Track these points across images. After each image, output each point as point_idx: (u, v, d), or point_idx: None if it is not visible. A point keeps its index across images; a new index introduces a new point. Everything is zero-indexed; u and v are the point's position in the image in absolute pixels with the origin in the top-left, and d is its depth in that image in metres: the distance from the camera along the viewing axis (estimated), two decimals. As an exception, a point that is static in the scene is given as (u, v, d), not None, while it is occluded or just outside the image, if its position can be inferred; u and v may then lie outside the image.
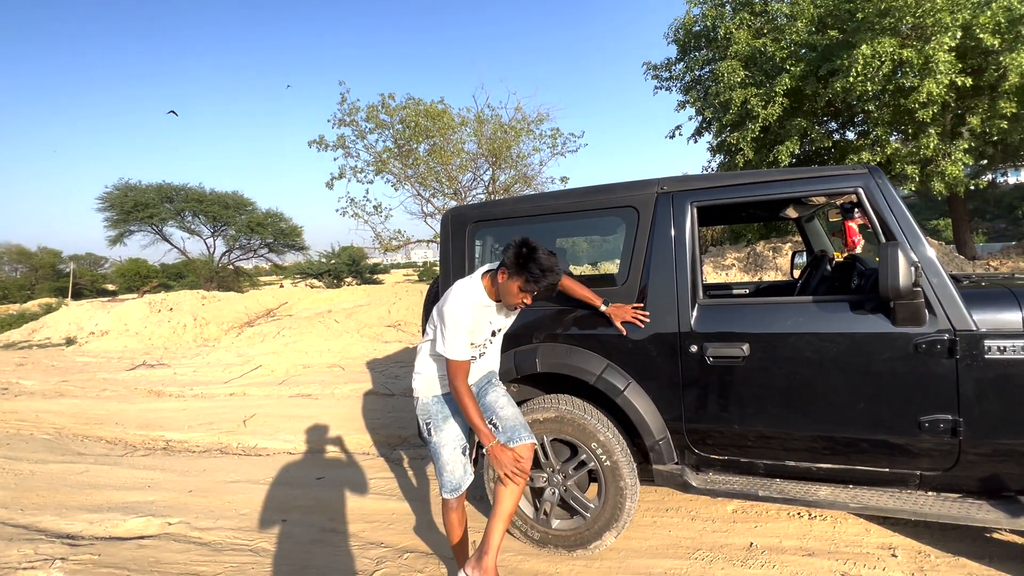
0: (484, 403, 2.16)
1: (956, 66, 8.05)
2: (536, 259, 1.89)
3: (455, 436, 2.10)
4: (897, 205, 2.10)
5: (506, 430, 2.05)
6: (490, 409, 2.12)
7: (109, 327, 11.98)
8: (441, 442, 2.08)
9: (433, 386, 2.12)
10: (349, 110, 12.92)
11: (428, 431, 2.10)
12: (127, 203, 24.28)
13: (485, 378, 2.27)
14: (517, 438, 2.02)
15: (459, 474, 2.08)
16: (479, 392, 2.19)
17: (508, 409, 2.12)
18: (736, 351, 2.20)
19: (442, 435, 2.09)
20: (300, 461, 4.06)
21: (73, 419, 5.57)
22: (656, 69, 13.22)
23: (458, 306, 2.00)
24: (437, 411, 2.11)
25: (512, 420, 2.08)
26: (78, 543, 2.88)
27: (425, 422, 2.12)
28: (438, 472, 2.09)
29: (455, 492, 2.08)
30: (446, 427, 2.09)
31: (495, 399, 2.17)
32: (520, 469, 1.94)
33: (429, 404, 2.12)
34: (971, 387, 1.94)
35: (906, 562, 2.27)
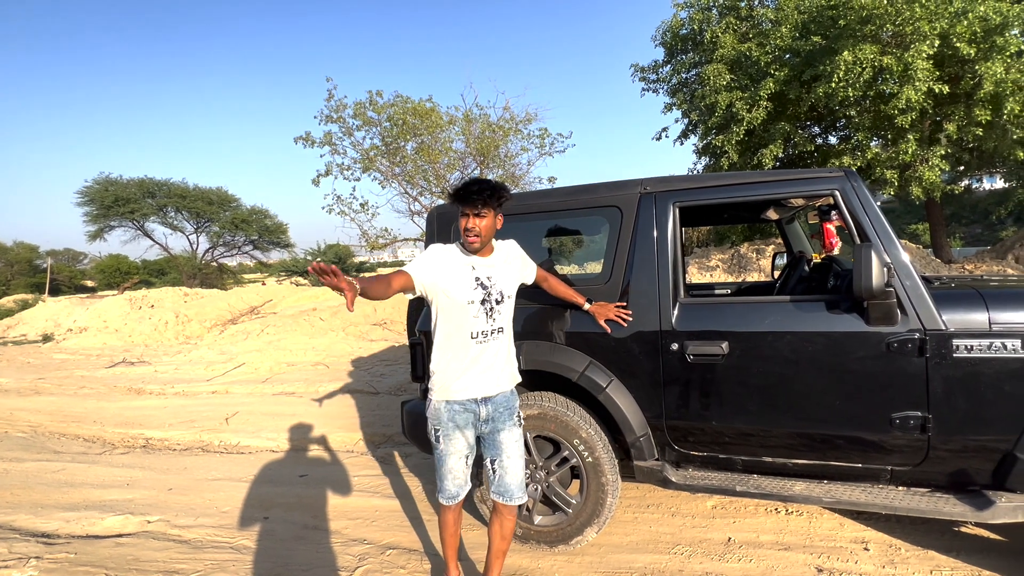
0: (495, 440, 1.99)
1: (934, 74, 8.23)
2: (466, 181, 1.90)
3: (463, 446, 1.98)
4: (871, 208, 2.16)
5: (500, 483, 1.98)
6: (497, 449, 1.99)
7: (88, 324, 11.76)
8: (448, 451, 1.97)
9: (446, 389, 1.93)
10: (336, 107, 12.82)
11: (436, 437, 1.97)
12: (107, 198, 23.79)
13: (505, 405, 2.00)
14: (508, 496, 1.97)
15: (460, 482, 2.01)
16: (493, 419, 1.98)
17: (515, 461, 1.99)
18: (716, 349, 2.25)
19: (450, 444, 1.96)
20: (283, 459, 4.03)
21: (49, 417, 5.46)
22: (644, 71, 13.31)
23: (431, 246, 2.01)
24: (448, 419, 1.94)
25: (512, 475, 1.98)
26: (54, 542, 2.83)
27: (434, 427, 1.97)
28: (439, 478, 2.01)
29: (453, 500, 2.03)
30: (455, 437, 1.95)
31: (507, 442, 1.99)
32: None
33: (441, 409, 1.94)
34: (940, 385, 2.00)
35: (878, 555, 2.33)
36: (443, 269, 1.91)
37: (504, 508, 2.01)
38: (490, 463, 2.02)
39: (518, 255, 2.13)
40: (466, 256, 1.96)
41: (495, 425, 1.98)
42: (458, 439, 1.96)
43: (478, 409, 1.95)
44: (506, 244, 2.10)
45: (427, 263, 1.91)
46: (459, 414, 1.94)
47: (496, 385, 1.97)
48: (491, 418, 1.97)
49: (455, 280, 1.90)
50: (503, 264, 2.03)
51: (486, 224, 1.89)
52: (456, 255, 1.96)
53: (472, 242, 1.89)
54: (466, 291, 1.90)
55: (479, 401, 1.95)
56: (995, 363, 1.95)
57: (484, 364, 1.94)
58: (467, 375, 1.92)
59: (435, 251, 1.95)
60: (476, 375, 1.93)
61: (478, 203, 1.84)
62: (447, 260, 1.93)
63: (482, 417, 1.96)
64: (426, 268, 1.90)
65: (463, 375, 1.92)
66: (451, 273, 1.91)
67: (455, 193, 1.88)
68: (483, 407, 1.95)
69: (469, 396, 1.93)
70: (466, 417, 1.94)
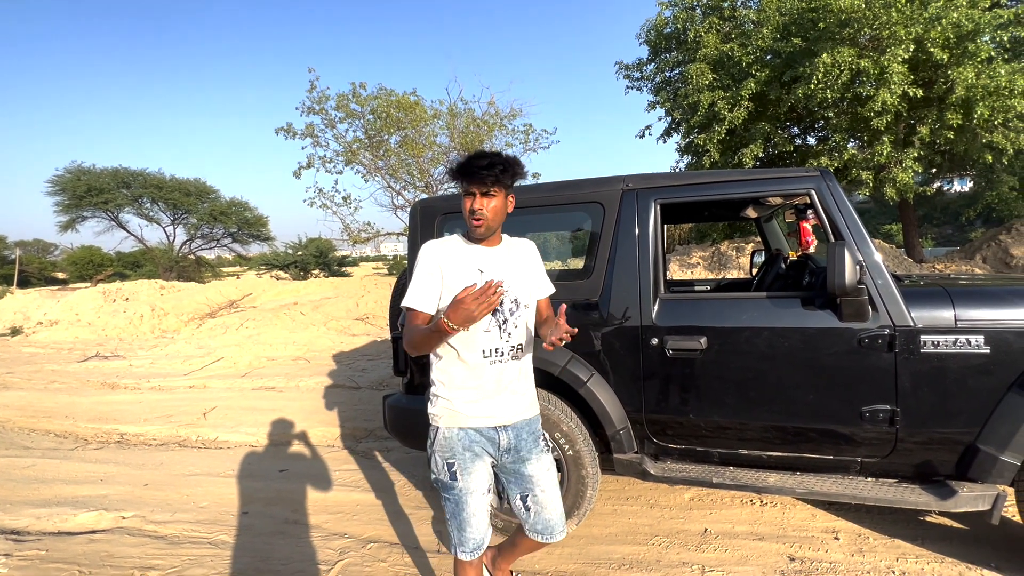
0: (521, 473, 1.65)
1: (909, 77, 8.45)
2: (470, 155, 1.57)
3: (484, 480, 1.61)
4: (846, 207, 2.22)
5: (539, 520, 1.66)
6: (526, 482, 1.66)
7: (59, 317, 11.44)
8: (468, 488, 1.58)
9: (458, 414, 1.58)
10: (319, 98, 12.66)
11: (451, 474, 1.58)
12: (80, 187, 23.09)
13: (529, 431, 1.67)
14: (550, 534, 1.67)
15: (484, 528, 1.64)
16: (516, 448, 1.63)
17: (551, 494, 1.68)
18: (695, 344, 2.29)
19: (470, 480, 1.58)
20: (262, 454, 3.99)
21: (19, 412, 5.31)
22: (628, 69, 13.40)
23: (423, 250, 1.61)
24: (463, 448, 1.58)
25: (552, 509, 1.67)
26: (23, 539, 2.77)
27: (446, 462, 1.58)
28: (456, 525, 1.62)
29: (478, 551, 1.64)
30: (475, 469, 1.59)
31: (538, 473, 1.66)
32: (488, 300, 1.34)
33: (453, 439, 1.57)
34: (908, 379, 2.07)
35: (847, 544, 2.41)
36: (448, 276, 1.56)
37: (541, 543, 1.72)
38: (521, 500, 1.68)
39: (537, 261, 1.77)
40: (471, 253, 1.60)
41: (520, 455, 1.64)
42: (479, 472, 1.60)
43: (498, 437, 1.61)
44: (522, 243, 1.75)
45: (430, 283, 1.56)
46: (476, 442, 1.59)
47: (518, 411, 1.64)
48: (513, 447, 1.63)
49: (461, 285, 1.52)
50: (517, 263, 1.66)
51: (495, 206, 1.55)
52: (458, 254, 1.60)
53: (477, 226, 1.56)
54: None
55: (498, 428, 1.61)
56: (960, 358, 2.03)
57: (503, 387, 1.60)
58: (483, 400, 1.58)
59: (432, 258, 1.57)
60: (493, 400, 1.59)
61: (488, 180, 1.51)
62: (450, 262, 1.58)
63: (502, 446, 1.61)
64: (432, 291, 1.56)
65: (478, 400, 1.58)
66: (456, 277, 1.56)
67: (459, 168, 1.55)
68: (503, 434, 1.61)
69: (486, 424, 1.59)
70: (484, 445, 1.60)
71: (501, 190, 1.56)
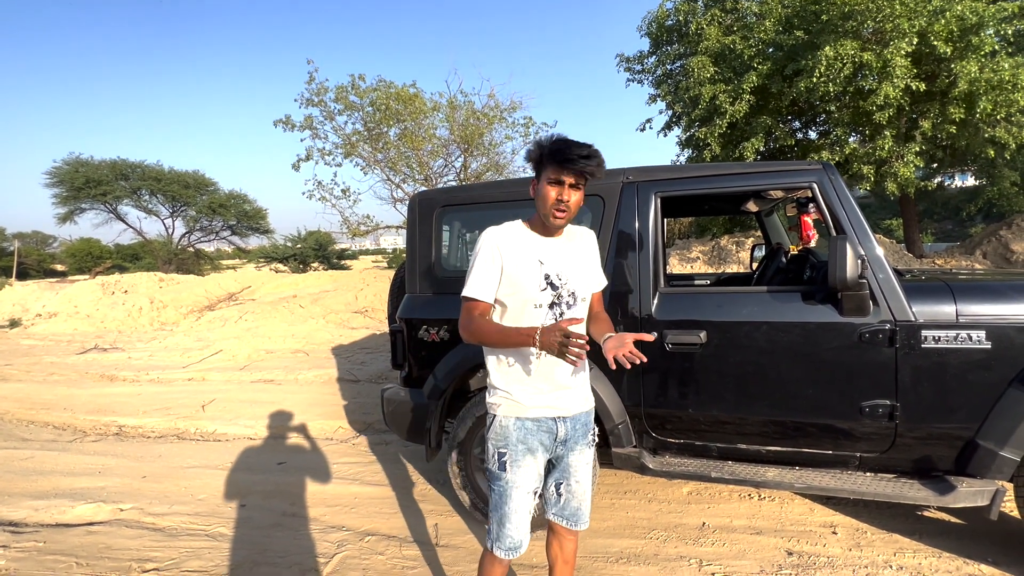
0: (565, 461, 1.63)
1: (911, 71, 8.39)
2: (563, 140, 1.47)
3: (532, 477, 1.58)
4: (848, 201, 2.20)
5: (565, 506, 1.65)
6: (565, 471, 1.64)
7: (58, 309, 11.41)
8: (515, 482, 1.55)
9: (518, 406, 1.56)
10: (317, 90, 12.55)
11: (500, 464, 1.56)
12: (78, 179, 22.99)
13: (584, 423, 1.65)
14: (573, 521, 1.66)
15: (525, 529, 1.59)
16: (568, 439, 1.61)
17: (584, 486, 1.66)
18: (694, 338, 2.28)
19: (518, 473, 1.55)
20: (261, 446, 3.99)
21: (17, 404, 5.30)
22: (629, 61, 13.31)
23: (484, 238, 1.56)
24: (519, 439, 1.55)
25: (579, 499, 1.65)
26: (21, 530, 2.77)
27: (498, 450, 1.56)
28: (496, 518, 1.58)
29: (514, 552, 1.58)
30: (525, 464, 1.55)
31: (577, 464, 1.64)
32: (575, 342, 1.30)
33: (510, 428, 1.55)
34: (908, 374, 2.06)
35: (845, 538, 2.41)
36: (508, 266, 1.53)
37: (564, 531, 1.69)
38: (554, 487, 1.66)
39: (595, 252, 1.71)
40: (533, 244, 1.56)
41: (567, 445, 1.62)
42: (529, 467, 1.56)
43: (556, 428, 1.58)
44: (583, 232, 1.69)
45: (491, 273, 1.53)
46: (533, 434, 1.56)
47: (576, 404, 1.61)
48: (569, 437, 1.61)
49: (520, 277, 1.53)
50: (576, 254, 1.62)
51: (578, 200, 1.50)
52: (520, 241, 1.56)
53: (560, 217, 1.50)
54: (532, 291, 1.53)
55: (557, 420, 1.58)
56: (961, 353, 2.01)
57: (560, 380, 1.57)
58: (541, 392, 1.56)
59: (495, 246, 1.54)
60: (553, 393, 1.57)
61: (585, 171, 1.44)
62: (511, 252, 1.54)
63: (559, 436, 1.59)
64: (492, 281, 1.54)
65: (536, 392, 1.56)
66: (516, 268, 1.53)
67: (553, 153, 1.45)
68: (561, 425, 1.58)
69: (546, 415, 1.56)
70: (541, 438, 1.57)
71: (585, 183, 1.50)
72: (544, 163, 1.48)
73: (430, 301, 2.78)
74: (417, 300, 2.82)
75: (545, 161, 1.48)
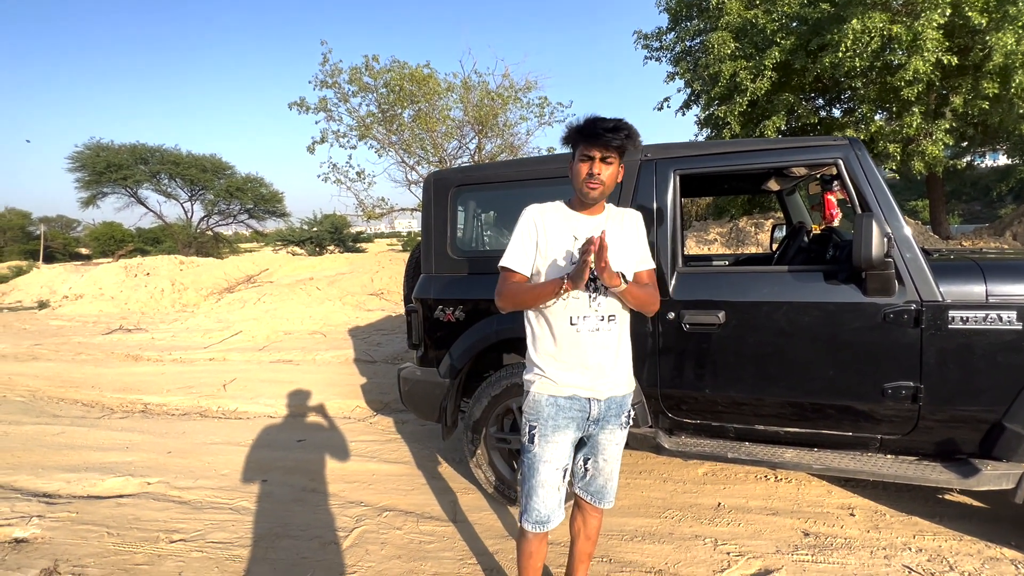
0: (595, 439, 1.65)
1: (943, 44, 8.06)
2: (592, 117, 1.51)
3: (562, 454, 1.60)
4: (875, 177, 2.13)
5: (591, 482, 1.70)
6: (594, 448, 1.66)
7: (83, 291, 11.71)
8: (543, 456, 1.58)
9: (547, 382, 1.58)
10: (331, 71, 12.51)
11: (530, 437, 1.60)
12: (99, 164, 23.39)
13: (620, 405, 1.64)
14: (597, 498, 1.70)
15: (553, 504, 1.61)
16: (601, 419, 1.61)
17: (611, 464, 1.68)
18: (712, 319, 2.25)
19: (547, 448, 1.58)
20: (281, 425, 4.07)
21: (48, 382, 5.48)
22: (647, 38, 12.99)
23: (524, 213, 1.63)
24: (550, 415, 1.57)
25: (605, 477, 1.69)
26: (55, 501, 2.88)
27: (529, 423, 1.61)
28: (525, 492, 1.63)
29: (541, 526, 1.61)
30: (555, 439, 1.58)
31: (607, 443, 1.65)
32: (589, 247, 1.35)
33: (543, 404, 1.58)
34: (933, 356, 2.01)
35: (863, 520, 2.39)
36: (543, 241, 1.58)
37: (589, 507, 1.74)
38: (583, 460, 1.70)
39: (640, 232, 1.69)
40: (570, 220, 1.60)
41: (600, 425, 1.63)
42: (558, 444, 1.58)
43: (588, 408, 1.58)
44: (627, 212, 1.69)
45: (527, 246, 1.59)
46: (564, 411, 1.57)
47: (609, 387, 1.59)
48: (600, 418, 1.61)
49: (555, 252, 1.57)
50: (619, 234, 1.61)
51: (611, 172, 1.52)
52: (557, 220, 1.60)
53: (592, 190, 1.53)
54: (566, 266, 1.55)
55: (591, 400, 1.58)
56: (990, 335, 1.96)
57: (592, 359, 1.56)
58: (573, 369, 1.56)
59: (532, 221, 1.60)
60: (586, 372, 1.56)
61: (612, 144, 1.47)
62: (548, 227, 1.58)
63: (592, 416, 1.59)
64: (529, 254, 1.59)
65: (568, 368, 1.56)
66: (552, 243, 1.58)
67: (581, 129, 1.50)
68: (594, 406, 1.59)
69: (578, 394, 1.57)
70: (573, 415, 1.58)
71: (618, 157, 1.53)
72: (575, 141, 1.54)
73: (445, 281, 2.78)
74: (433, 280, 2.82)
75: (576, 138, 1.53)
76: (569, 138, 1.55)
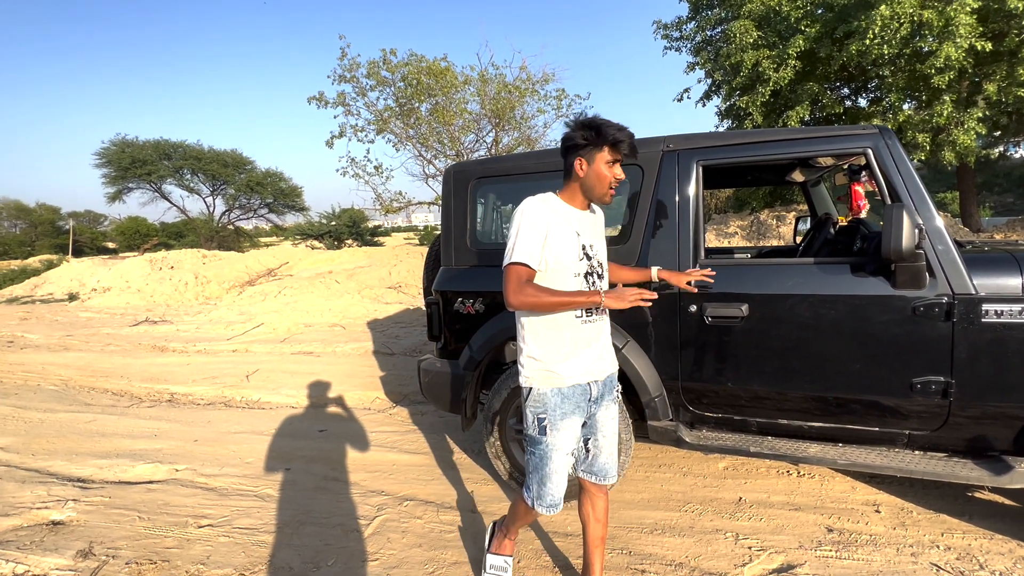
0: (594, 417, 1.73)
1: (977, 29, 7.78)
2: (604, 121, 1.58)
3: (571, 439, 1.68)
4: (906, 167, 2.08)
5: (594, 463, 1.76)
6: (593, 427, 1.74)
7: (111, 284, 12.03)
8: (555, 444, 1.65)
9: (555, 377, 1.64)
10: (349, 66, 12.57)
11: (541, 428, 1.65)
12: (124, 159, 23.97)
13: (611, 383, 1.77)
14: (602, 476, 1.77)
15: (564, 487, 1.72)
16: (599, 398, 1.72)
17: (611, 440, 1.77)
18: (735, 311, 2.22)
19: (558, 436, 1.64)
20: (302, 414, 4.14)
21: (79, 371, 5.66)
22: (667, 28, 12.80)
23: (526, 209, 1.61)
24: (556, 405, 1.64)
25: (607, 454, 1.77)
26: (88, 486, 2.98)
27: (538, 416, 1.65)
28: (538, 479, 1.70)
29: (554, 508, 1.72)
30: (563, 426, 1.65)
31: (604, 420, 1.75)
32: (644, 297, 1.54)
33: (548, 396, 1.64)
34: (965, 350, 1.96)
35: (889, 517, 2.35)
36: (551, 239, 1.59)
37: (595, 488, 1.80)
38: (584, 442, 1.76)
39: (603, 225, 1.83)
40: (571, 216, 1.66)
41: (598, 404, 1.74)
42: (567, 431, 1.66)
43: (590, 391, 1.69)
44: (599, 209, 1.81)
45: (537, 241, 1.57)
46: (570, 399, 1.65)
47: (605, 368, 1.73)
48: (598, 397, 1.72)
49: (562, 250, 1.60)
50: (600, 228, 1.76)
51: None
52: (561, 216, 1.63)
53: (613, 192, 1.64)
54: (572, 263, 1.62)
55: (591, 383, 1.69)
56: (1025, 329, 1.90)
57: (593, 347, 1.68)
58: (576, 358, 1.65)
59: (540, 217, 1.59)
60: (585, 358, 1.66)
61: (632, 152, 1.59)
62: (554, 223, 1.61)
63: (593, 397, 1.70)
64: (539, 248, 1.58)
65: (572, 357, 1.64)
66: (558, 239, 1.60)
67: (601, 131, 1.55)
68: (595, 387, 1.70)
69: (581, 380, 1.66)
70: (577, 402, 1.67)
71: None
72: (596, 145, 1.57)
73: (465, 273, 2.79)
74: (453, 272, 2.83)
75: (598, 143, 1.57)
76: (584, 141, 1.57)
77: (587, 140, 1.57)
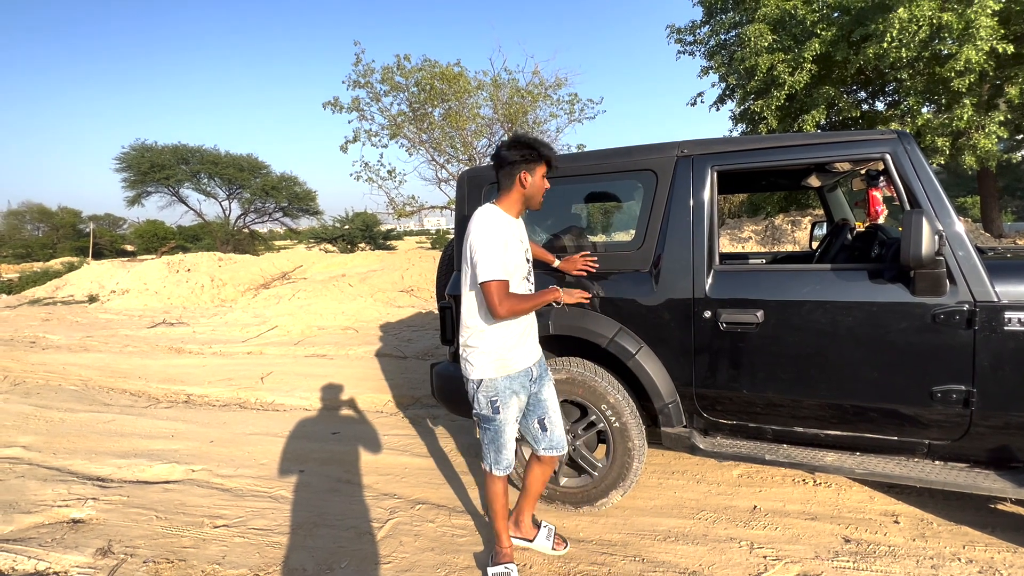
0: (539, 398, 2.08)
1: (998, 32, 7.65)
2: (535, 139, 1.92)
3: (517, 412, 2.02)
4: (925, 172, 2.05)
5: (552, 438, 2.09)
6: (542, 407, 2.08)
7: (129, 286, 12.25)
8: (507, 419, 1.97)
9: (504, 364, 1.94)
10: (364, 71, 12.73)
11: (495, 408, 1.95)
12: (143, 164, 24.45)
13: (543, 362, 2.14)
14: (560, 448, 2.11)
15: (513, 450, 2.07)
16: (539, 378, 2.08)
17: (558, 414, 2.13)
18: (750, 318, 2.20)
19: (509, 412, 1.97)
20: (316, 417, 4.18)
21: (98, 372, 5.77)
22: (680, 32, 12.77)
23: (486, 224, 1.84)
24: (505, 387, 1.94)
25: (558, 427, 2.11)
26: (108, 485, 3.03)
27: (490, 399, 1.94)
28: (495, 448, 2.01)
29: (508, 469, 2.06)
30: (511, 404, 1.97)
31: (550, 397, 2.11)
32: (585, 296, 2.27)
33: (499, 382, 1.93)
34: (987, 358, 1.92)
35: (908, 528, 2.30)
36: (507, 249, 1.86)
37: (553, 460, 2.14)
38: (538, 423, 2.08)
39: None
40: (515, 226, 1.95)
41: (540, 384, 2.07)
42: (515, 405, 1.99)
43: (532, 371, 2.02)
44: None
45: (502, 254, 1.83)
46: (516, 380, 1.96)
47: (538, 351, 2.09)
48: (539, 376, 2.07)
49: (513, 259, 1.89)
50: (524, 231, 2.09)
51: None
52: (507, 224, 1.90)
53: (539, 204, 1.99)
54: (520, 268, 1.94)
55: (532, 366, 2.03)
56: (1050, 337, 1.86)
57: (531, 335, 2.05)
58: (522, 345, 1.98)
59: (500, 233, 1.84)
60: (527, 345, 2.01)
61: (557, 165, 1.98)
62: (507, 234, 1.88)
63: (534, 376, 2.04)
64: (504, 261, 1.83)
65: (517, 347, 1.96)
66: (511, 251, 1.88)
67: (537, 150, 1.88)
68: (535, 368, 2.05)
69: (525, 366, 1.99)
70: (522, 382, 1.98)
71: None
72: (536, 161, 1.89)
73: (478, 278, 2.80)
74: (465, 277, 2.84)
75: (537, 159, 1.89)
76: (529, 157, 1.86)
77: (526, 157, 1.86)
